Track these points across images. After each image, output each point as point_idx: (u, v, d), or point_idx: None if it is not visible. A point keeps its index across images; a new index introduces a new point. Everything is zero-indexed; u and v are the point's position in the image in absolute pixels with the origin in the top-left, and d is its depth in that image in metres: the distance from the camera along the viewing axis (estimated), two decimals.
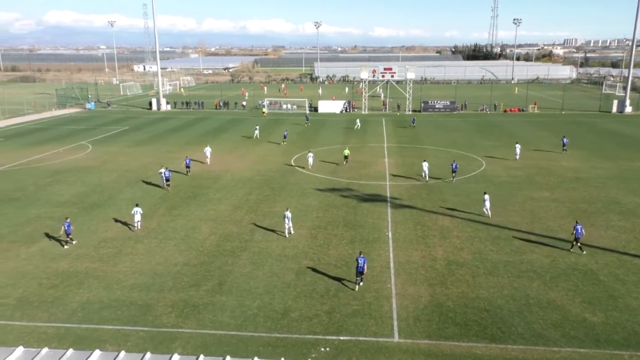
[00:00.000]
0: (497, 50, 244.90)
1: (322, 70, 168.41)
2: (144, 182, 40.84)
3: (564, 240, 27.92)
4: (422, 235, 28.95)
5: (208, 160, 46.94)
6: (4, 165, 46.40)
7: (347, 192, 37.30)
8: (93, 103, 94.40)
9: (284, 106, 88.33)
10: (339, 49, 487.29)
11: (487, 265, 25.17)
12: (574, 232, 25.93)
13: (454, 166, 39.98)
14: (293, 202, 34.94)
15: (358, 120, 69.52)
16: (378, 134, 62.88)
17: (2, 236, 29.12)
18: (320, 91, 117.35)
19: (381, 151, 52.25)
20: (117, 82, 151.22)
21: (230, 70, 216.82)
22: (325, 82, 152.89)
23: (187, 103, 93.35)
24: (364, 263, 22.41)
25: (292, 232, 29.05)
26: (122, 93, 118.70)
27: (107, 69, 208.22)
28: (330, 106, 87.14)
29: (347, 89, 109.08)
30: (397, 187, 38.58)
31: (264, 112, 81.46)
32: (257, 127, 62.90)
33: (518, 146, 48.44)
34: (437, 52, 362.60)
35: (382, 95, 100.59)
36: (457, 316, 20.70)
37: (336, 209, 33.60)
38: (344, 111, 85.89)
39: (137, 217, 30.15)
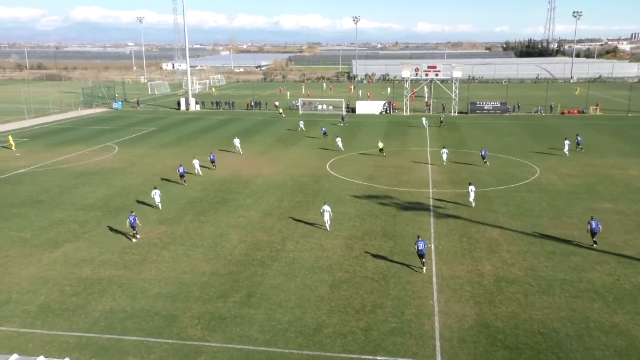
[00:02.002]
0: (554, 46, 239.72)
1: (360, 68, 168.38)
2: (166, 181, 41.58)
3: (630, 258, 26.94)
4: (468, 248, 28.45)
5: (240, 150, 53.46)
6: (28, 167, 48.14)
7: (386, 200, 37.09)
8: (120, 102, 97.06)
9: (319, 107, 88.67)
10: (379, 45, 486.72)
11: (541, 283, 24.51)
12: (589, 227, 27.94)
13: (483, 153, 46.08)
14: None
15: (424, 119, 70.98)
16: (420, 136, 62.33)
17: (25, 240, 30.16)
18: (351, 89, 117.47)
19: (424, 156, 51.74)
20: (145, 81, 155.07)
21: (263, 68, 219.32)
22: (364, 81, 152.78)
23: (217, 103, 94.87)
24: (424, 246, 25.03)
25: (329, 226, 30.74)
26: (149, 92, 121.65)
27: (134, 67, 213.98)
28: (369, 107, 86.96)
29: (389, 89, 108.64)
30: (441, 195, 38.09)
31: (281, 113, 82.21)
32: (302, 122, 68.31)
33: (567, 143, 49.64)
34: (487, 48, 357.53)
35: (426, 96, 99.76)
36: (506, 338, 20.21)
37: (374, 217, 33.43)
38: (383, 112, 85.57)
39: (157, 199, 34.60)
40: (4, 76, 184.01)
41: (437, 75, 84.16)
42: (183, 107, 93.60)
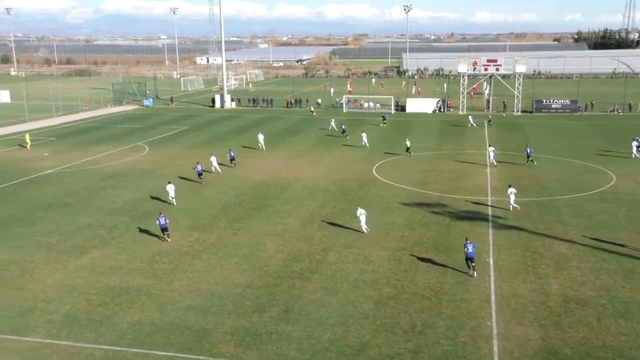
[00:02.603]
0: (635, 36, 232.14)
1: (411, 62, 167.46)
2: (197, 183, 42.33)
3: None
4: (532, 264, 27.83)
5: (263, 146, 56.06)
6: (55, 167, 49.91)
7: (439, 208, 36.72)
8: (151, 99, 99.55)
9: (365, 104, 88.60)
10: (432, 37, 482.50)
11: (617, 305, 23.72)
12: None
13: (528, 151, 47.79)
14: (373, 218, 34.77)
15: (470, 117, 71.53)
16: (478, 138, 61.43)
17: (51, 245, 31.25)
18: (405, 86, 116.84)
19: (482, 159, 50.97)
20: (178, 77, 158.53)
21: (304, 62, 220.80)
22: (415, 77, 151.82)
23: (254, 100, 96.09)
24: (473, 248, 26.03)
25: (365, 230, 32.00)
26: (182, 88, 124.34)
27: (167, 62, 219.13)
28: (420, 105, 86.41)
29: (445, 85, 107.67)
30: (502, 203, 37.41)
31: (312, 112, 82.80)
32: (333, 120, 68.64)
33: (635, 144, 49.42)
34: (555, 40, 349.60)
35: (486, 93, 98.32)
36: None
37: (425, 228, 33.13)
38: (437, 111, 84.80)
39: (172, 194, 37.30)
40: (32, 71, 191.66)
41: (497, 69, 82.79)
42: (218, 104, 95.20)
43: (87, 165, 51.08)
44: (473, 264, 26.20)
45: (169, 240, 31.24)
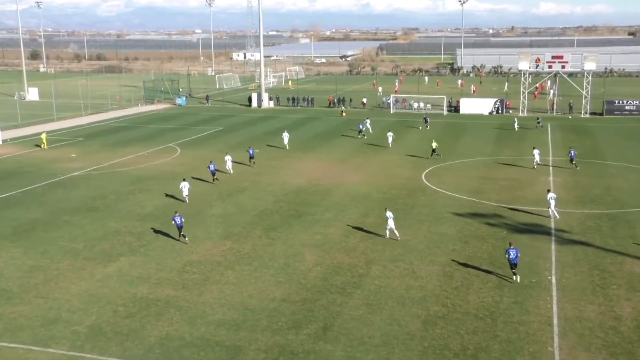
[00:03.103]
0: None
1: (466, 58, 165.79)
2: (224, 185, 42.76)
3: None
4: (601, 283, 27.10)
5: (287, 146, 58.68)
6: (83, 169, 51.23)
7: (496, 220, 36.25)
8: (184, 98, 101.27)
9: (415, 105, 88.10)
10: (491, 31, 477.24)
11: None
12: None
13: (572, 154, 49.35)
14: (422, 230, 34.53)
15: (516, 120, 70.43)
16: (541, 143, 60.26)
17: (76, 252, 32.04)
18: (462, 85, 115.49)
19: (544, 166, 50.02)
20: (213, 73, 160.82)
21: (349, 59, 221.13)
22: (471, 74, 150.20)
23: (293, 99, 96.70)
24: (516, 255, 27.01)
25: (398, 235, 32.64)
26: (217, 86, 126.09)
27: (201, 57, 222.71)
28: (476, 106, 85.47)
29: (506, 85, 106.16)
30: (567, 215, 36.60)
31: (343, 112, 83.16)
32: (369, 119, 69.66)
33: None
34: (630, 33, 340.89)
35: (551, 93, 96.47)
36: None
37: (480, 241, 32.70)
38: (494, 112, 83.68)
39: (185, 192, 39.97)
40: (61, 68, 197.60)
41: (563, 67, 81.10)
42: (254, 103, 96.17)
43: (115, 167, 52.26)
44: (514, 270, 27.30)
45: (186, 240, 32.62)
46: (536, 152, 49.91)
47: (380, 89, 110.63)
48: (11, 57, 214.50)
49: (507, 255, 27.25)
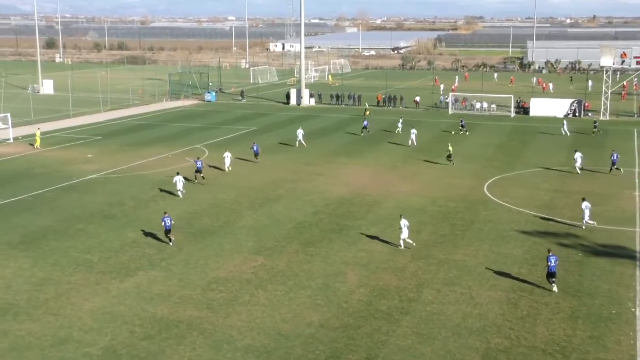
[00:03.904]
0: None
1: (539, 52, 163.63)
2: (267, 198, 42.99)
3: None
4: None
5: (303, 142, 61.55)
6: (100, 172, 52.23)
7: (569, 240, 35.78)
8: (214, 93, 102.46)
9: (477, 105, 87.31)
10: (568, 20, 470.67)
11: None
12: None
13: (614, 157, 50.27)
14: (483, 249, 34.16)
15: (565, 123, 69.98)
16: (625, 151, 59.01)
17: (91, 264, 32.68)
18: (540, 83, 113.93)
19: (629, 179, 48.99)
20: (247, 66, 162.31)
21: (402, 51, 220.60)
22: (543, 70, 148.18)
23: (337, 96, 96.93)
24: (555, 262, 28.82)
25: (412, 242, 34.18)
26: (251, 80, 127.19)
27: (234, 48, 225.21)
28: (549, 107, 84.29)
29: (590, 83, 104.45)
30: None
31: (367, 111, 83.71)
32: (401, 119, 70.64)
33: None
34: None
35: None
36: None
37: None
38: (570, 114, 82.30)
39: (179, 186, 43.19)
40: (79, 58, 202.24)
41: None
42: (293, 100, 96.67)
43: (135, 170, 53.14)
44: (554, 279, 28.84)
45: (172, 242, 34.89)
46: (578, 155, 50.60)
47: (442, 86, 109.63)
48: (25, 46, 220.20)
49: (547, 263, 28.71)
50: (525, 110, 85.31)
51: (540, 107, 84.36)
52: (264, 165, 54.35)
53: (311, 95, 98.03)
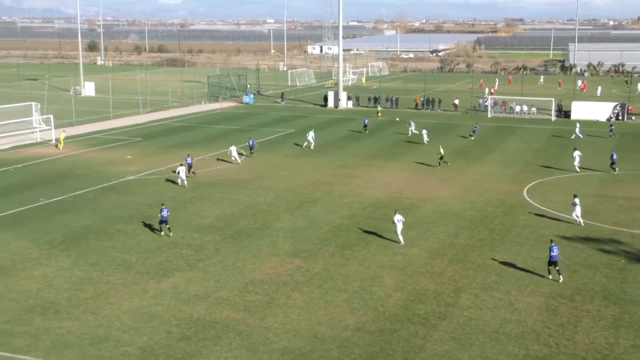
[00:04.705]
0: None
1: (581, 55, 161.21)
2: (306, 202, 43.09)
3: None
4: None
5: (312, 144, 62.88)
6: (139, 173, 52.92)
7: (612, 246, 35.21)
8: (252, 96, 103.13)
9: (517, 108, 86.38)
10: (611, 22, 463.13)
11: None
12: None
13: (614, 157, 51.78)
14: (522, 254, 33.83)
15: (577, 126, 70.02)
16: None
17: (129, 265, 33.11)
18: (585, 87, 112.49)
19: None
20: (285, 68, 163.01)
21: (440, 54, 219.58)
22: (585, 73, 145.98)
23: (375, 99, 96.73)
24: (558, 251, 30.27)
25: (402, 240, 35.40)
26: (289, 83, 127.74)
27: (272, 50, 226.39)
28: (590, 110, 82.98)
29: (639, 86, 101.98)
30: None
31: (378, 113, 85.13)
32: (412, 123, 71.05)
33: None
34: None
35: None
36: None
37: (592, 270, 31.81)
38: (612, 118, 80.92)
39: (182, 175, 46.98)
40: (119, 60, 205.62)
41: None
42: (331, 103, 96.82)
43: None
44: (557, 267, 30.19)
45: (170, 234, 36.91)
46: (577, 153, 51.88)
47: (487, 89, 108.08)
48: (68, 49, 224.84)
49: (550, 253, 30.22)
50: (567, 114, 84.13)
51: (582, 110, 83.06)
52: (303, 167, 54.46)
53: (349, 98, 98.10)
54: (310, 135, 63.78)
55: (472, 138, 67.85)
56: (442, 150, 54.33)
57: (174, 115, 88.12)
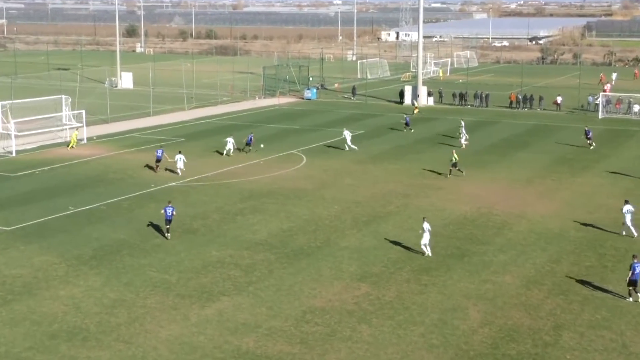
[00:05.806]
0: None
1: None
2: (375, 216, 42.90)
3: None
4: None
5: (349, 146, 63.68)
6: (182, 179, 53.54)
7: None
8: (314, 90, 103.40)
9: (636, 108, 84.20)
10: None
11: None
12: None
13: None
14: None
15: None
16: None
17: (168, 286, 33.51)
18: None
19: None
20: (354, 59, 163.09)
21: (542, 41, 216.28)
22: None
23: (461, 95, 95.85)
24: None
25: (428, 251, 36.62)
26: (359, 76, 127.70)
27: (340, 37, 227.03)
28: None
29: None
30: None
31: (415, 108, 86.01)
32: (463, 122, 69.75)
33: None
34: None
35: None
36: None
37: None
38: None
39: (180, 164, 50.39)
40: (162, 48, 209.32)
41: None
42: (407, 100, 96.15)
43: (222, 178, 54.20)
44: (637, 287, 31.21)
45: (168, 236, 39.28)
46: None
47: (608, 85, 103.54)
48: (104, 34, 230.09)
49: (631, 270, 31.27)
50: None
51: None
52: (373, 175, 54.32)
53: (429, 94, 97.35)
54: (348, 136, 64.39)
55: (592, 147, 64.92)
56: (455, 156, 53.90)
57: (223, 112, 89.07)
